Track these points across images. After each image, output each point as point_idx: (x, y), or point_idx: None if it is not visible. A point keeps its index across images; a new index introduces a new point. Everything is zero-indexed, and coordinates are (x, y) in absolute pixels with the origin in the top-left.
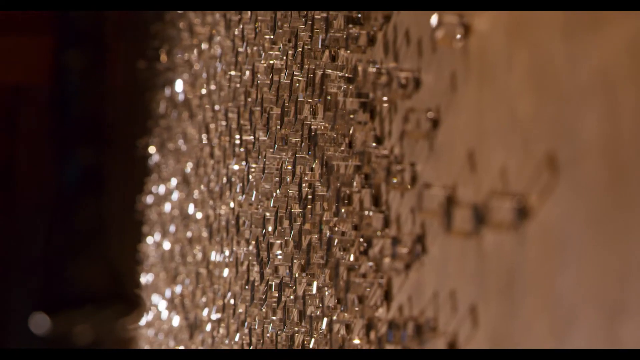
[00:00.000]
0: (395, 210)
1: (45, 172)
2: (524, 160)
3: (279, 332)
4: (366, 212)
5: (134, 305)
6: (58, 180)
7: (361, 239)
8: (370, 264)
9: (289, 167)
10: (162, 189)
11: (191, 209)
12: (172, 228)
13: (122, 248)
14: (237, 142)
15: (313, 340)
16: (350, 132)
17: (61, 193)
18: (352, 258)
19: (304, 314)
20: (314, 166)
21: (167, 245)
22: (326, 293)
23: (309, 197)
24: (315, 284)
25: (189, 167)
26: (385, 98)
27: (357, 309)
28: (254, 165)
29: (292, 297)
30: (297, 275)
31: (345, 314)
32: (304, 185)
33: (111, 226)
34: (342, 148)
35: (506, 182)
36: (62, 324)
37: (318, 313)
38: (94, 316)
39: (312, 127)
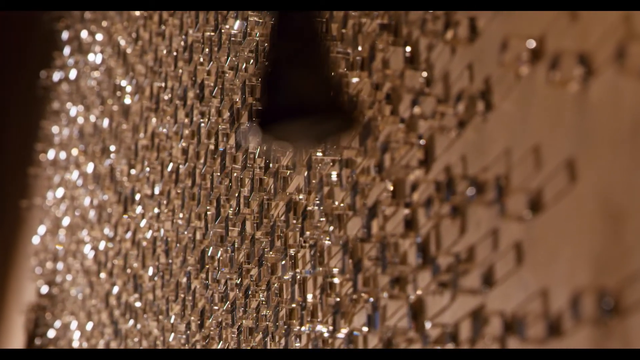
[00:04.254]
0: (441, 69)
1: None
2: None
3: (264, 200)
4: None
5: (351, 121)
6: None
7: (385, 100)
8: (401, 125)
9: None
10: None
11: (124, 81)
12: (97, 100)
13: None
14: None
15: (317, 206)
16: None
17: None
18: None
19: (307, 180)
20: None
21: (92, 119)
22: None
23: None
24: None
25: (121, 41)
26: None
27: (374, 174)
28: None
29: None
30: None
31: (362, 178)
32: None
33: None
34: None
35: (631, 28)
36: (274, 137)
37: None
38: (309, 130)
39: None
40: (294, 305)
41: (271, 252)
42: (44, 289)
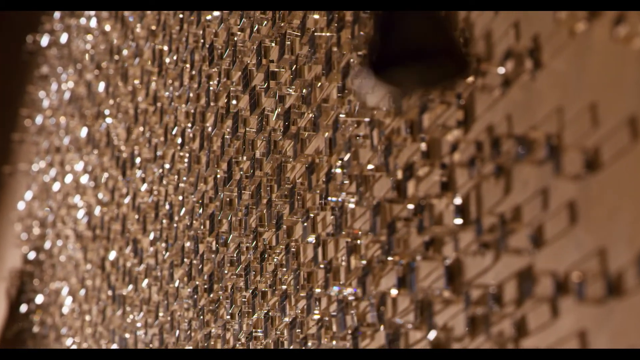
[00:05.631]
0: (482, 27)
1: None
2: None
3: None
4: None
5: (465, 66)
6: None
7: None
8: None
9: None
10: None
11: (123, 44)
12: (91, 64)
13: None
14: None
15: (340, 167)
16: None
17: None
18: None
19: (331, 142)
20: None
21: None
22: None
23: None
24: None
25: None
26: None
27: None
28: None
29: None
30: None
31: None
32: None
33: None
34: None
35: None
36: (387, 83)
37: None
38: (422, 75)
39: None
40: (314, 268)
41: (291, 215)
42: (31, 255)
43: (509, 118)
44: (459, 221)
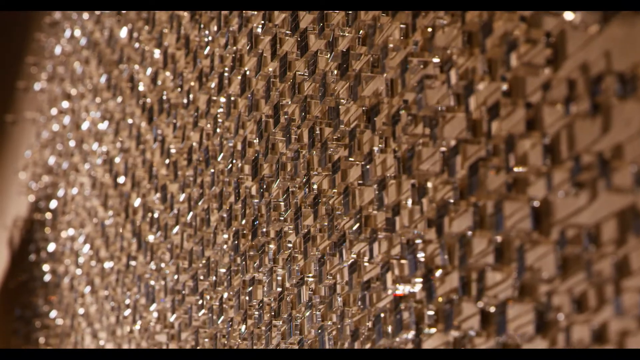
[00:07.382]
0: None
1: None
2: None
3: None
4: None
5: None
6: None
7: None
8: (522, 23)
9: None
10: None
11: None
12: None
13: None
14: None
15: (404, 109)
16: None
17: None
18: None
19: (403, 82)
20: None
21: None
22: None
23: None
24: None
25: None
26: None
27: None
28: None
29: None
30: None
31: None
32: None
33: None
34: None
35: None
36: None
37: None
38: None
39: None
40: (373, 211)
41: (348, 158)
42: (41, 203)
43: (607, 55)
44: (547, 161)
